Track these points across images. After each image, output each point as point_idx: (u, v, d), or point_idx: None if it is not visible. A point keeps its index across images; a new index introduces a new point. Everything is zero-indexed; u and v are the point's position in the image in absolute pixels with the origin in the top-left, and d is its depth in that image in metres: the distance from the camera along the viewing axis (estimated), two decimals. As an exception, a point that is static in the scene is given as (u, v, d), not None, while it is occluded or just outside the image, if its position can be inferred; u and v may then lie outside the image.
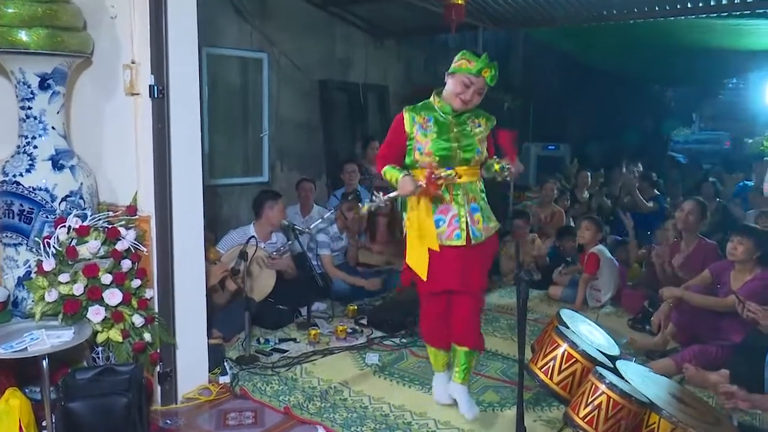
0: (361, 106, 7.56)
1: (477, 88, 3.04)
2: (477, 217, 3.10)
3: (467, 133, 3.10)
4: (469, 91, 3.03)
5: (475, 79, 3.03)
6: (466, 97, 3.04)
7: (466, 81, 3.04)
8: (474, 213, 3.09)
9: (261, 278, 4.43)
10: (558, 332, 2.73)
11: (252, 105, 6.34)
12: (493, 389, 3.54)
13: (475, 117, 3.16)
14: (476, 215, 3.10)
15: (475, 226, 3.08)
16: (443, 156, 3.05)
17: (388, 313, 4.53)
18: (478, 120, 3.15)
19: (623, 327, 4.64)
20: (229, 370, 3.58)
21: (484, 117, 3.18)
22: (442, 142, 3.06)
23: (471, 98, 3.05)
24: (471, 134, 3.10)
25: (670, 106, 14.46)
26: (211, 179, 5.88)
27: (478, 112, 3.19)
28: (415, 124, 3.12)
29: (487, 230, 3.12)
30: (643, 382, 2.63)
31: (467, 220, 3.05)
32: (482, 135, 3.13)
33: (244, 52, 6.14)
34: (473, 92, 3.04)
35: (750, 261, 3.79)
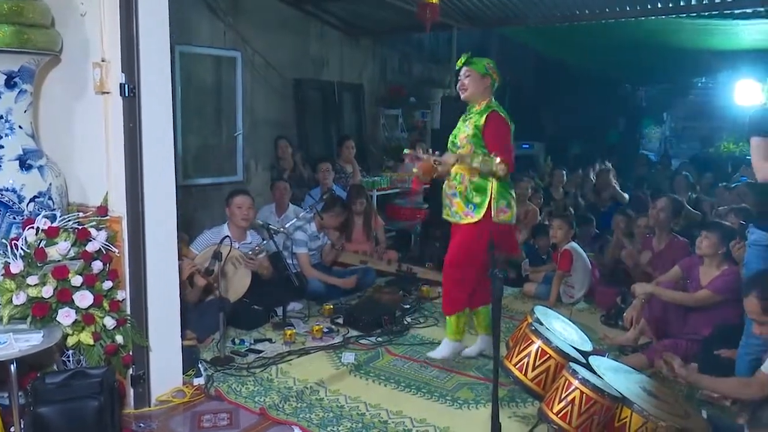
0: (336, 105, 7.55)
1: (463, 74, 3.77)
2: (456, 201, 3.69)
3: (462, 128, 3.76)
4: (460, 81, 3.78)
5: (461, 71, 3.80)
6: (459, 87, 3.80)
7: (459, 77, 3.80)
8: (453, 197, 3.70)
9: (236, 278, 4.40)
10: (532, 329, 2.75)
11: (226, 104, 6.29)
12: (468, 387, 3.56)
13: (476, 115, 3.70)
14: (455, 199, 3.70)
15: (453, 208, 3.71)
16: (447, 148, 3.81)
17: (364, 312, 4.53)
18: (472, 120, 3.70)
19: (596, 323, 4.71)
20: (204, 371, 3.55)
21: (478, 115, 3.69)
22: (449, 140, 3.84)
23: (462, 84, 3.76)
24: (459, 132, 3.76)
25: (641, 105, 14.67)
26: (185, 179, 5.82)
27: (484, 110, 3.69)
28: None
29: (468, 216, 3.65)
30: (615, 377, 2.66)
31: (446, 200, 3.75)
32: (466, 132, 3.71)
33: (218, 50, 6.09)
34: (461, 80, 3.77)
35: (717, 256, 3.87)
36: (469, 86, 3.74)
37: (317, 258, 5.36)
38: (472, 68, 3.75)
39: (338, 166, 6.65)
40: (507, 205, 3.69)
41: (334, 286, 5.10)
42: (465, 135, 3.71)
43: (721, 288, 3.76)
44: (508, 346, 2.90)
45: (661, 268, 4.50)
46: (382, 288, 5.22)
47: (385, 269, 5.74)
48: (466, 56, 3.80)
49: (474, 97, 3.75)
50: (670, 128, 16.33)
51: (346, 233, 5.96)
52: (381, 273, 5.71)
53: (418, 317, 4.75)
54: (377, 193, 6.94)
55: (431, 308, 4.97)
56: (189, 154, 5.97)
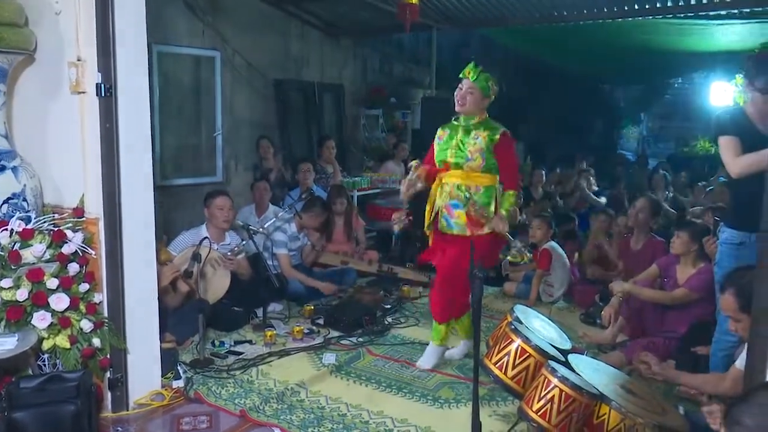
0: (316, 105, 7.53)
1: (465, 88, 3.65)
2: (457, 213, 3.63)
3: (464, 143, 3.63)
4: (461, 92, 3.66)
5: (463, 82, 3.67)
6: (458, 97, 3.67)
7: (459, 86, 3.68)
8: (453, 208, 3.64)
9: (215, 280, 4.37)
10: (512, 328, 2.77)
11: (205, 104, 6.24)
12: (449, 386, 3.57)
13: (482, 129, 3.64)
14: (455, 211, 3.63)
15: (452, 220, 3.64)
16: (440, 160, 3.73)
17: (345, 312, 4.52)
18: (481, 133, 3.62)
19: (575, 321, 4.74)
20: (183, 374, 3.51)
21: (488, 131, 3.63)
22: (443, 149, 3.71)
23: (463, 98, 3.65)
24: (466, 144, 3.62)
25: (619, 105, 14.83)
26: (163, 180, 5.77)
27: (487, 125, 3.68)
28: (437, 138, 3.80)
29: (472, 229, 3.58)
30: (594, 375, 2.69)
31: (444, 211, 3.66)
32: (478, 145, 3.60)
33: (196, 50, 6.04)
34: (464, 93, 3.65)
35: (691, 254, 3.93)
36: (469, 103, 3.64)
37: (298, 258, 5.34)
38: (478, 86, 3.64)
39: (319, 167, 6.62)
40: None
41: (315, 287, 5.08)
42: (478, 148, 3.60)
43: (697, 286, 3.81)
44: (488, 345, 2.92)
45: (639, 267, 4.54)
46: (362, 288, 5.22)
47: (365, 269, 5.74)
48: (474, 70, 3.66)
49: (471, 113, 3.69)
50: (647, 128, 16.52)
51: (327, 233, 5.94)
52: (362, 273, 5.71)
53: (399, 317, 4.75)
54: (358, 193, 6.93)
55: (412, 308, 4.98)
56: (167, 154, 5.92)
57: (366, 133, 8.45)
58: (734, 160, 2.89)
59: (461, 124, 3.72)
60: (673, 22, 7.12)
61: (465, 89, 3.66)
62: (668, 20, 7.05)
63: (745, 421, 1.41)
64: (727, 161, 2.93)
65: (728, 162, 2.93)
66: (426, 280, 5.55)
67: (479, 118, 3.71)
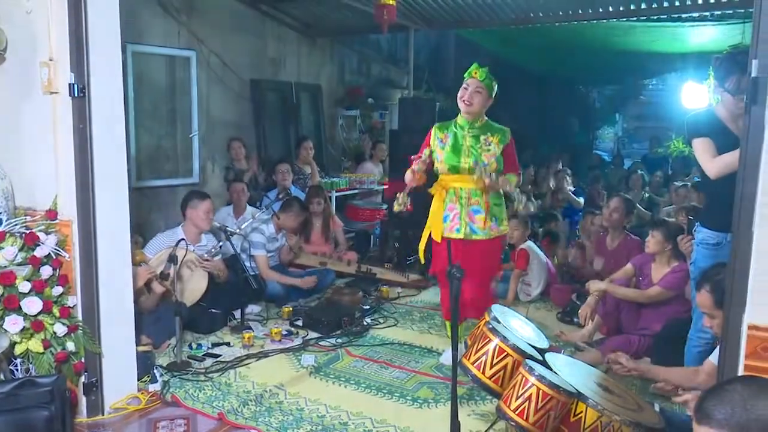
0: (293, 106, 7.50)
1: (473, 88, 3.62)
2: (478, 218, 3.68)
3: (476, 148, 3.65)
4: (467, 92, 3.62)
5: (469, 81, 3.64)
6: (464, 97, 3.63)
7: (464, 85, 3.66)
8: (475, 214, 3.68)
9: (192, 281, 4.33)
10: (489, 327, 2.78)
11: (181, 105, 6.19)
12: (428, 386, 3.58)
13: (490, 134, 3.68)
14: (477, 216, 3.68)
15: (475, 225, 3.67)
16: (451, 166, 3.69)
17: (324, 313, 4.51)
18: (492, 138, 3.67)
19: (553, 320, 4.78)
20: (160, 377, 3.47)
21: (498, 135, 3.69)
22: (453, 155, 3.68)
23: (471, 98, 3.62)
24: (479, 149, 3.64)
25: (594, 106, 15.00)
26: (139, 181, 5.71)
27: (495, 128, 3.72)
28: (437, 140, 3.76)
29: (494, 230, 3.71)
30: (571, 373, 2.71)
31: (466, 219, 3.66)
32: (492, 151, 3.65)
33: (171, 50, 5.98)
34: (471, 93, 3.62)
35: (665, 253, 3.98)
36: (477, 103, 3.63)
37: (276, 260, 5.31)
38: (486, 88, 3.65)
39: (296, 167, 6.61)
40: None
41: (294, 288, 5.06)
42: (492, 154, 3.64)
43: (671, 284, 3.88)
44: (467, 345, 2.93)
45: (615, 266, 4.59)
46: (341, 289, 5.20)
47: (344, 270, 5.73)
48: (481, 69, 3.66)
49: (476, 114, 3.69)
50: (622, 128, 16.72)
51: (305, 235, 5.92)
52: (341, 274, 5.70)
53: (378, 318, 4.75)
54: (336, 194, 6.93)
55: (391, 309, 4.98)
56: (143, 155, 5.86)
57: (344, 133, 8.45)
58: (712, 162, 2.90)
59: (465, 126, 3.69)
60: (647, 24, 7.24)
61: (472, 89, 3.62)
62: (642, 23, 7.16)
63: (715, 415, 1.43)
64: (704, 163, 2.93)
65: (705, 163, 2.93)
66: (404, 281, 5.56)
67: (482, 120, 3.73)
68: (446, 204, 3.73)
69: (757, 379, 1.54)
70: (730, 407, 1.42)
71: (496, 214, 3.74)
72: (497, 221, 3.75)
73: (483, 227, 3.69)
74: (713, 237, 3.00)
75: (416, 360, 3.97)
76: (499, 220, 3.76)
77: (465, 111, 3.66)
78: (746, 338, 1.97)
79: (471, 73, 3.67)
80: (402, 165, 5.85)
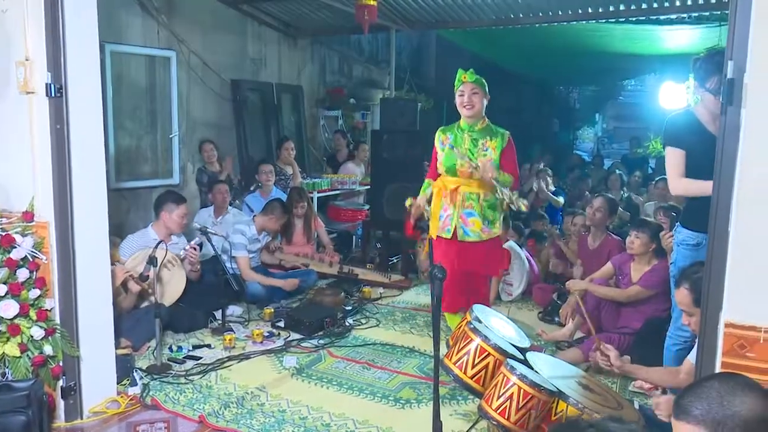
0: (274, 107, 7.47)
1: (469, 91, 3.75)
2: (471, 221, 3.79)
3: (474, 152, 3.75)
4: (465, 96, 3.75)
5: (462, 87, 3.77)
6: (464, 101, 3.75)
7: (459, 92, 3.78)
8: (468, 217, 3.79)
9: (172, 282, 4.29)
10: (471, 327, 2.79)
11: (160, 105, 6.13)
12: (409, 386, 3.59)
13: (489, 138, 3.78)
14: (470, 219, 3.79)
15: (468, 228, 3.79)
16: (448, 167, 3.81)
17: (306, 314, 4.50)
18: (489, 143, 3.77)
19: (534, 320, 4.82)
20: (139, 380, 3.44)
21: (496, 139, 3.78)
22: (450, 157, 3.79)
23: (470, 100, 3.74)
24: (476, 155, 3.73)
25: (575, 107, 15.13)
26: (117, 182, 5.65)
27: (494, 131, 3.81)
28: (439, 142, 3.91)
29: (485, 232, 3.81)
30: (552, 372, 2.73)
31: (459, 221, 3.78)
32: (489, 156, 3.73)
33: (151, 49, 5.92)
34: (469, 96, 3.74)
35: (647, 253, 4.01)
36: (477, 104, 3.76)
37: (257, 261, 5.29)
38: (480, 87, 3.77)
39: (278, 168, 6.58)
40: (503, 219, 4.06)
41: (275, 289, 5.04)
42: (489, 159, 3.72)
43: (650, 283, 3.91)
44: (449, 345, 2.94)
45: (596, 265, 4.62)
46: (323, 290, 5.19)
47: (326, 271, 5.72)
48: (469, 72, 3.77)
49: (478, 116, 3.81)
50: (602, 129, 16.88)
51: (287, 236, 5.90)
52: (322, 275, 5.69)
53: (360, 319, 4.75)
54: (318, 194, 6.90)
55: (373, 309, 4.98)
56: (121, 156, 5.80)
57: (325, 134, 8.43)
58: (677, 180, 2.94)
59: (466, 128, 3.82)
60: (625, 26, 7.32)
61: (469, 92, 3.75)
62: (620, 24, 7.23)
63: (692, 411, 1.46)
64: (671, 178, 2.97)
65: (671, 179, 2.97)
66: (386, 281, 5.57)
67: (482, 123, 3.83)
68: (443, 204, 3.87)
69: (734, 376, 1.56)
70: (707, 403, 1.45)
71: (488, 216, 3.83)
72: (489, 224, 3.84)
73: (475, 230, 3.80)
74: (693, 237, 3.01)
75: (398, 360, 3.97)
76: (491, 222, 3.85)
77: (468, 115, 3.78)
78: (723, 336, 2.00)
79: (461, 79, 3.77)
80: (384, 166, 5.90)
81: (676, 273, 3.07)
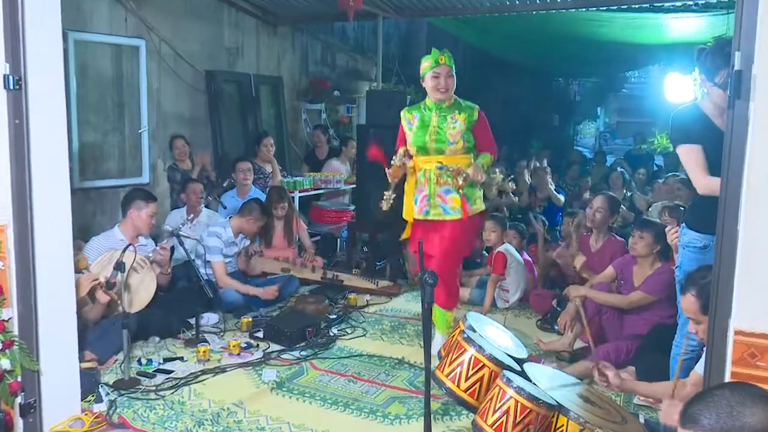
0: (252, 99, 7.46)
1: (445, 74, 3.90)
2: (450, 197, 3.94)
3: (443, 127, 3.92)
4: (441, 79, 3.89)
5: (439, 69, 3.90)
6: (440, 85, 3.89)
7: (434, 74, 3.90)
8: (446, 194, 3.94)
9: (142, 286, 4.27)
10: (464, 337, 2.80)
11: (128, 98, 6.11)
12: (399, 401, 3.58)
13: (458, 112, 3.95)
14: (449, 196, 3.94)
15: (448, 205, 3.95)
16: (419, 146, 3.99)
17: (287, 324, 4.48)
18: (458, 116, 3.93)
19: (533, 328, 4.84)
20: (105, 396, 3.42)
21: (465, 112, 3.96)
22: (420, 135, 3.97)
23: (446, 84, 3.90)
24: (445, 128, 3.92)
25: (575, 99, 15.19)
26: (82, 181, 5.62)
27: (462, 106, 4.00)
28: (406, 122, 4.09)
29: (468, 209, 3.96)
30: (551, 384, 2.75)
31: (437, 199, 3.95)
32: (458, 128, 3.92)
33: (118, 38, 5.90)
34: (445, 79, 3.90)
35: (651, 256, 4.04)
36: (451, 87, 3.94)
37: (234, 266, 5.27)
38: (451, 66, 3.94)
39: (256, 166, 6.56)
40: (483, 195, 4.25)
41: (253, 297, 5.03)
42: (458, 131, 3.94)
43: (654, 288, 3.93)
44: (440, 356, 2.94)
45: (598, 268, 4.64)
46: (305, 297, 5.18)
47: (309, 277, 5.71)
48: (447, 54, 3.95)
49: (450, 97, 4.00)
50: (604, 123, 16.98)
51: (266, 239, 5.89)
52: (304, 281, 5.68)
53: (345, 328, 4.74)
54: (299, 194, 6.90)
55: (359, 318, 4.98)
56: (86, 153, 5.77)
57: (307, 129, 8.43)
58: (706, 177, 2.84)
59: (432, 107, 3.99)
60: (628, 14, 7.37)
61: (445, 75, 3.92)
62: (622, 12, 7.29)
63: (701, 420, 1.47)
64: (696, 177, 2.89)
65: (698, 178, 2.88)
66: (374, 287, 5.57)
67: (450, 100, 4.00)
68: (417, 185, 4.04)
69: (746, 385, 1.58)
70: (716, 413, 1.46)
71: (467, 193, 3.99)
72: (470, 200, 4.01)
73: (455, 206, 3.96)
74: (700, 239, 2.99)
75: (387, 373, 3.97)
76: (471, 199, 4.02)
77: (440, 98, 3.96)
78: (732, 344, 2.01)
79: (438, 60, 3.92)
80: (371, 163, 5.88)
81: (681, 278, 3.06)
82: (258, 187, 6.34)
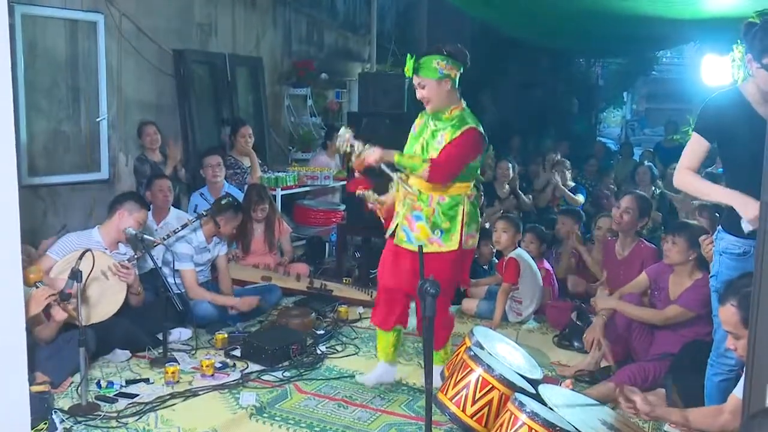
0: (228, 83, 7.46)
1: (419, 87, 3.77)
2: (418, 226, 3.79)
3: (430, 143, 3.81)
4: (423, 90, 3.77)
5: (416, 79, 3.77)
6: (421, 97, 3.79)
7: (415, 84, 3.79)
8: (416, 221, 3.80)
9: (109, 292, 4.29)
10: (471, 355, 2.82)
11: (84, 81, 6.11)
12: (396, 428, 3.60)
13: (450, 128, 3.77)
14: (417, 223, 3.79)
15: (413, 233, 3.80)
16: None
17: (268, 340, 4.49)
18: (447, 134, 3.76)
19: (548, 345, 4.86)
20: (60, 423, 3.43)
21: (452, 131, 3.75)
22: (411, 144, 3.94)
23: (427, 95, 3.76)
24: (432, 144, 3.80)
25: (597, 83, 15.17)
26: (31, 177, 5.62)
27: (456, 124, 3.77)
28: (413, 128, 4.01)
29: (434, 243, 3.75)
30: (570, 409, 2.77)
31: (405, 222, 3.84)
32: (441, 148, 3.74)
33: (72, 12, 5.90)
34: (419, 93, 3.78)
35: (688, 263, 4.01)
36: (431, 96, 3.77)
37: (206, 275, 5.28)
38: (423, 76, 3.75)
39: (232, 160, 6.57)
40: (476, 230, 3.94)
41: (229, 309, 5.04)
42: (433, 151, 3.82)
43: (693, 303, 3.91)
44: (444, 376, 2.96)
45: (626, 278, 4.64)
46: (289, 310, 5.20)
47: (293, 287, 5.73)
48: (410, 63, 3.76)
49: (441, 106, 3.81)
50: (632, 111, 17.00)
51: (244, 243, 5.90)
52: (288, 291, 5.69)
53: (335, 345, 4.77)
54: (282, 192, 6.90)
55: (350, 333, 5.00)
56: (37, 145, 5.77)
57: (291, 117, 8.44)
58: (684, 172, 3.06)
59: (430, 118, 3.88)
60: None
61: (418, 87, 3.80)
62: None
63: None
64: (678, 165, 3.10)
65: (678, 167, 3.10)
66: (367, 299, 5.58)
67: (450, 111, 3.82)
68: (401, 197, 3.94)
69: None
70: None
71: (440, 224, 3.79)
72: (443, 234, 3.79)
73: (420, 237, 3.78)
74: (739, 245, 3.01)
75: (382, 396, 3.99)
76: (445, 233, 3.79)
77: (430, 110, 3.84)
78: (776, 363, 2.03)
79: (406, 73, 3.81)
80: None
81: (719, 287, 3.08)
82: (234, 184, 6.35)
